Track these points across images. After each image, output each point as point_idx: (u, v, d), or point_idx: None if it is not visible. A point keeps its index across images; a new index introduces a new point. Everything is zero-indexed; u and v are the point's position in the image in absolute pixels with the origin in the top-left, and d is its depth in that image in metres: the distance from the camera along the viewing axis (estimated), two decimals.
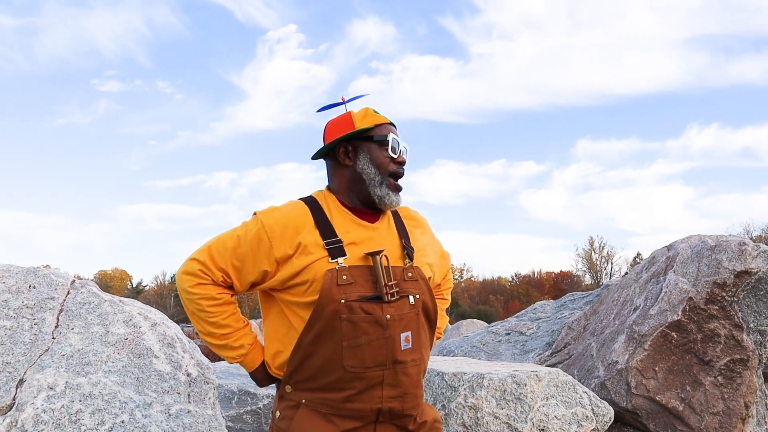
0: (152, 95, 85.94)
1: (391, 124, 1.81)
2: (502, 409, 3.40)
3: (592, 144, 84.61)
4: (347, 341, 1.62)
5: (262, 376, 1.77)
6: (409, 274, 1.73)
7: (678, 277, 4.24)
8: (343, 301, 1.61)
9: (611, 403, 4.16)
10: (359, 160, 1.75)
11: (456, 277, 69.56)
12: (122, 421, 2.48)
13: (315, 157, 1.81)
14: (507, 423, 3.35)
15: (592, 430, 3.43)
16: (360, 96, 1.85)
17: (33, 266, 3.10)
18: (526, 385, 3.45)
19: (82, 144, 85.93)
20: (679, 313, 4.08)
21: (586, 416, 3.44)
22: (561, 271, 62.27)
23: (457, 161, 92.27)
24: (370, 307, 1.63)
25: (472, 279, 71.20)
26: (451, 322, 25.97)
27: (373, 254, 1.66)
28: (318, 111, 1.87)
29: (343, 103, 1.84)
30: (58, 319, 2.85)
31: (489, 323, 9.45)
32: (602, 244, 56.34)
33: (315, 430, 1.63)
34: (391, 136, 1.76)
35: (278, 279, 1.66)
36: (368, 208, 1.79)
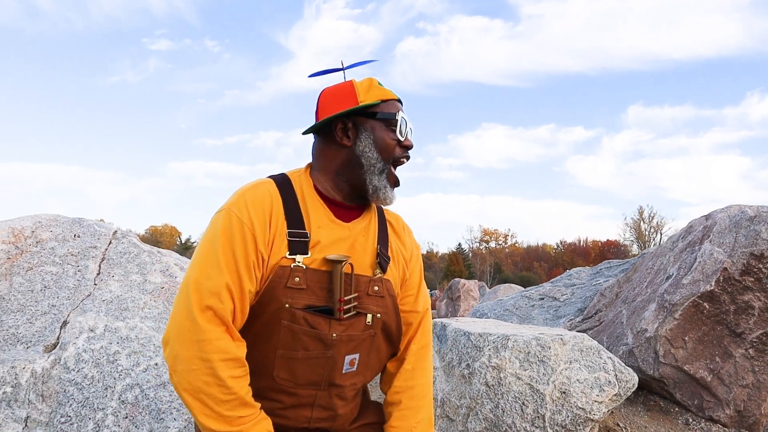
0: (201, 54, 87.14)
1: (398, 101, 1.52)
2: (525, 370, 3.45)
3: (645, 110, 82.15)
4: (282, 350, 1.39)
5: None
6: (375, 288, 1.47)
7: (714, 247, 4.17)
8: (287, 305, 1.35)
9: (638, 371, 4.16)
10: (360, 141, 1.46)
11: (500, 242, 69.14)
12: (156, 364, 2.64)
13: (307, 131, 1.52)
14: (529, 384, 3.41)
15: (615, 395, 3.45)
16: (364, 62, 1.57)
17: (78, 217, 3.27)
18: (550, 348, 3.49)
19: (134, 101, 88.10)
20: (713, 283, 4.02)
21: (609, 381, 3.46)
22: (607, 240, 61.25)
23: (504, 125, 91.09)
24: (315, 320, 1.38)
25: (517, 245, 70.73)
26: (490, 287, 25.96)
27: (335, 261, 1.39)
28: (310, 76, 1.55)
29: (342, 69, 1.54)
30: (100, 266, 3.01)
31: None
32: (652, 214, 55.01)
33: None
34: (400, 115, 1.47)
35: (260, 282, 1.38)
36: (350, 202, 1.50)
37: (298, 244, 1.39)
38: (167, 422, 2.48)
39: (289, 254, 1.37)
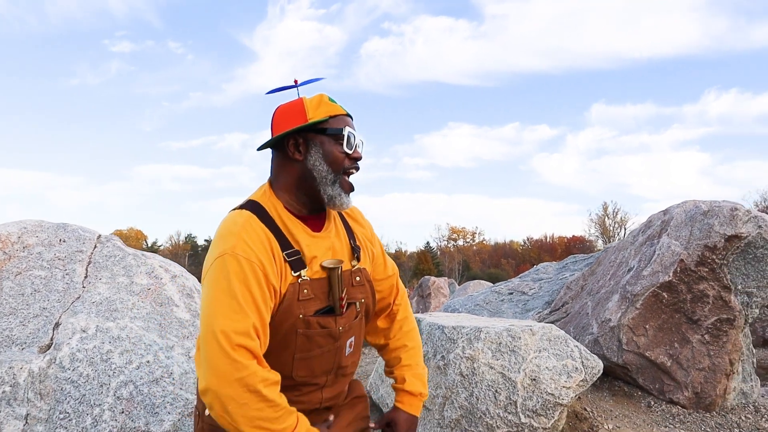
0: (164, 56, 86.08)
1: (348, 115, 1.64)
2: (497, 360, 3.63)
3: (607, 108, 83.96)
4: (300, 354, 1.55)
5: None
6: (357, 279, 1.67)
7: (671, 240, 4.42)
8: (301, 316, 1.52)
9: (603, 358, 4.40)
10: (310, 155, 1.58)
11: (468, 240, 69.86)
12: (147, 361, 2.75)
13: (261, 147, 1.64)
14: (501, 373, 3.59)
15: (581, 381, 3.66)
16: (315, 80, 1.69)
17: (63, 222, 3.35)
18: (520, 338, 3.68)
19: (96, 105, 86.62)
20: (671, 274, 4.27)
21: (576, 368, 3.67)
22: (573, 236, 62.43)
23: (469, 124, 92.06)
24: (325, 321, 1.56)
25: (484, 242, 71.54)
26: (459, 284, 26.35)
27: (332, 269, 1.57)
28: (267, 93, 1.68)
29: (296, 86, 1.66)
30: (87, 270, 3.10)
31: None
32: (616, 210, 56.26)
33: None
34: (347, 130, 1.59)
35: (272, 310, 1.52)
36: (314, 213, 1.64)
37: (297, 262, 1.53)
38: (162, 416, 2.59)
39: (294, 273, 1.52)
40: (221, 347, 1.37)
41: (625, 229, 54.77)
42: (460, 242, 69.79)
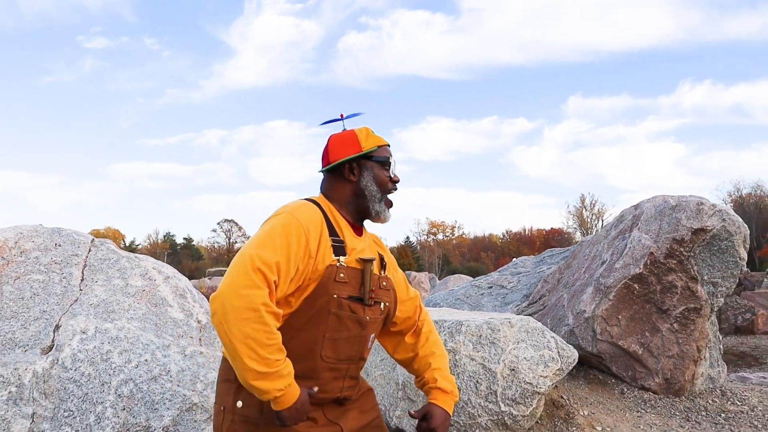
0: (139, 52, 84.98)
1: (388, 145, 1.99)
2: (478, 351, 3.81)
3: (584, 101, 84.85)
4: (330, 333, 1.76)
5: (305, 405, 1.68)
6: (384, 284, 1.92)
7: (641, 234, 4.64)
8: (335, 296, 1.74)
9: (578, 348, 4.60)
10: (363, 178, 1.91)
11: (447, 234, 70.29)
12: (146, 360, 2.88)
13: (323, 170, 1.96)
14: (482, 364, 3.77)
15: (558, 370, 3.86)
16: (357, 114, 2.04)
17: (57, 226, 3.45)
18: (499, 330, 3.86)
19: (71, 102, 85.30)
20: (641, 266, 4.49)
21: (553, 358, 3.86)
22: (552, 228, 63.10)
23: (447, 118, 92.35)
24: (356, 306, 1.79)
25: (464, 236, 72.00)
26: (439, 278, 26.61)
27: (366, 261, 1.84)
28: (321, 125, 2.04)
29: (342, 119, 2.01)
30: (83, 273, 3.22)
31: None
32: (593, 201, 57.04)
33: None
34: (391, 159, 1.96)
35: (300, 275, 1.72)
36: (356, 222, 1.95)
37: (340, 248, 1.81)
38: (161, 411, 2.73)
39: (335, 256, 1.78)
40: (244, 265, 1.60)
41: (602, 221, 55.57)
42: (440, 236, 70.21)
